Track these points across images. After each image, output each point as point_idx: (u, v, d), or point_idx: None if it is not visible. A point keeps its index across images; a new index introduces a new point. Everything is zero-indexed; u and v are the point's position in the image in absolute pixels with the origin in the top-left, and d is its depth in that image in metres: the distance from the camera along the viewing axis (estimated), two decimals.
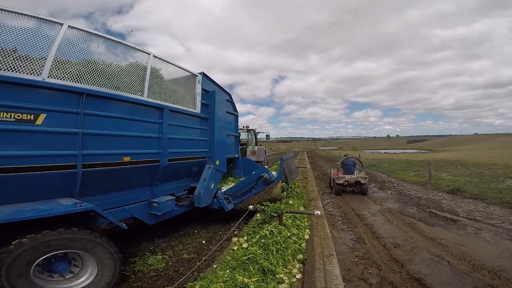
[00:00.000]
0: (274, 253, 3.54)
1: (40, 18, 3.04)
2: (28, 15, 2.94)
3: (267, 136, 15.75)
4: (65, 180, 3.23)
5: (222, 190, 5.81)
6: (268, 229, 3.99)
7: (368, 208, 7.80)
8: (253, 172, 6.32)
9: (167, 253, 4.78)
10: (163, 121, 4.44)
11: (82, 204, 2.98)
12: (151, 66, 4.32)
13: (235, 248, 3.80)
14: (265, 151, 13.18)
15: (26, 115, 2.82)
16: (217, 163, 5.83)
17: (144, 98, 4.11)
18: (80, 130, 3.24)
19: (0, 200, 2.82)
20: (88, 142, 3.36)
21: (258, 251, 3.47)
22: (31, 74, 2.89)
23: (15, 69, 2.78)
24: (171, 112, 4.59)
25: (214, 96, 5.88)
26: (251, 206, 4.69)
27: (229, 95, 6.87)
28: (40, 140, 2.95)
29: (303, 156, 35.76)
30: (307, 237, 4.40)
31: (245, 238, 4.10)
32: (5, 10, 2.77)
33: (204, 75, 5.61)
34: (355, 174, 9.69)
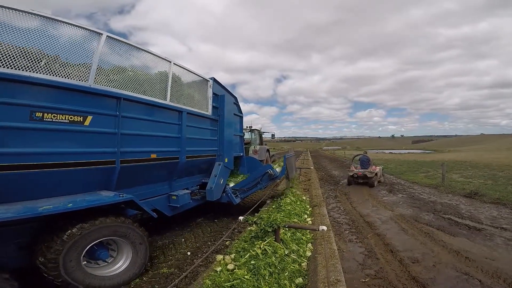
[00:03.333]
0: (267, 277, 2.76)
1: (80, 27, 3.33)
2: (69, 23, 3.20)
3: (273, 135, 16.60)
4: (105, 174, 3.65)
5: (230, 186, 6.27)
6: (260, 247, 3.20)
7: (378, 214, 6.97)
8: (260, 168, 7.13)
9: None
10: (182, 123, 4.94)
11: (123, 195, 3.42)
12: (172, 72, 4.75)
13: (218, 269, 3.02)
14: (268, 150, 13.31)
15: (77, 117, 3.22)
16: (226, 160, 6.30)
17: (167, 102, 4.58)
18: (118, 130, 3.69)
19: (52, 192, 3.14)
20: (124, 141, 3.79)
21: (246, 276, 2.70)
22: (78, 80, 3.24)
23: (65, 76, 3.10)
24: (188, 115, 5.09)
25: (224, 99, 6.37)
26: (241, 217, 3.94)
27: (235, 98, 7.26)
28: (86, 139, 3.35)
29: (306, 156, 34.65)
30: (309, 254, 3.59)
31: (233, 256, 3.32)
32: (48, 18, 2.99)
33: (214, 80, 6.07)
34: (369, 169, 10.95)
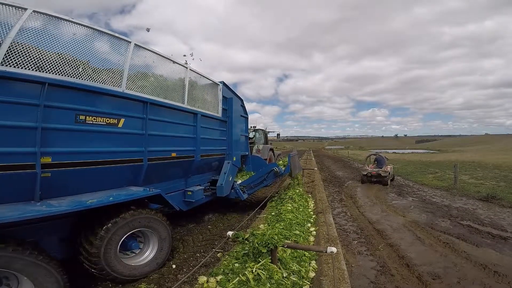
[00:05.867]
0: None
1: (110, 34, 3.58)
2: (100, 31, 3.45)
3: (278, 135, 17.16)
4: (134, 171, 4.00)
5: (238, 182, 6.58)
6: (253, 271, 2.58)
7: (389, 220, 6.32)
8: (265, 166, 7.51)
9: None
10: (197, 124, 5.30)
11: (152, 190, 3.78)
12: (189, 77, 5.10)
13: None
14: (272, 149, 13.25)
15: (113, 119, 3.55)
16: (234, 159, 6.69)
17: (185, 105, 4.94)
18: (145, 131, 4.04)
19: (90, 188, 3.42)
20: (150, 141, 4.14)
21: None
22: (111, 85, 3.52)
23: (98, 81, 3.36)
24: (202, 117, 5.45)
25: (232, 102, 6.79)
26: (230, 233, 3.33)
27: (242, 100, 7.55)
28: (120, 140, 3.69)
29: (309, 155, 33.66)
30: (312, 275, 2.97)
31: (219, 278, 2.71)
32: (79, 24, 3.18)
33: (224, 84, 6.47)
34: (383, 168, 11.04)
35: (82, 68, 3.17)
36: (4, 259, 2.27)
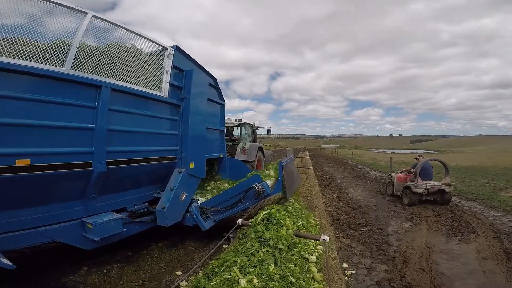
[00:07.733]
0: None
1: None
2: None
3: (269, 131, 14.18)
4: None
5: (199, 202, 4.70)
6: None
7: None
8: (241, 181, 5.07)
9: None
10: (99, 105, 3.19)
11: None
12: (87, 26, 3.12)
13: None
14: (261, 148, 10.11)
15: None
16: (192, 166, 4.61)
17: (65, 69, 2.87)
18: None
19: None
20: None
21: None
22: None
23: None
24: (114, 92, 3.34)
25: (191, 76, 4.68)
26: None
27: (214, 79, 5.61)
28: None
29: (304, 157, 29.38)
30: None
31: None
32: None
33: (177, 49, 4.50)
34: (445, 181, 7.51)
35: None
36: None
